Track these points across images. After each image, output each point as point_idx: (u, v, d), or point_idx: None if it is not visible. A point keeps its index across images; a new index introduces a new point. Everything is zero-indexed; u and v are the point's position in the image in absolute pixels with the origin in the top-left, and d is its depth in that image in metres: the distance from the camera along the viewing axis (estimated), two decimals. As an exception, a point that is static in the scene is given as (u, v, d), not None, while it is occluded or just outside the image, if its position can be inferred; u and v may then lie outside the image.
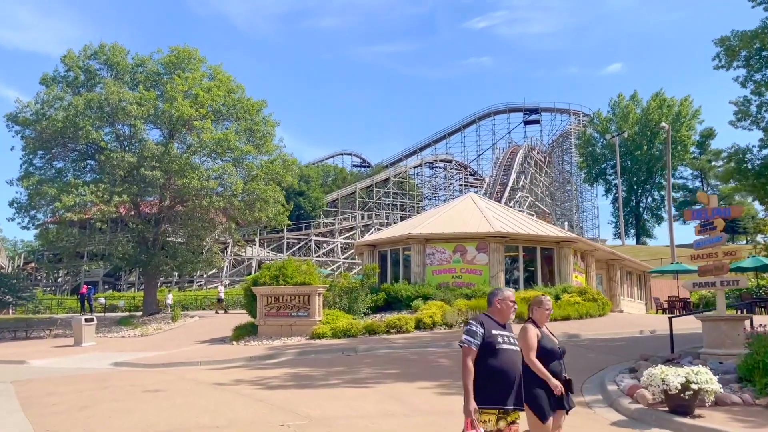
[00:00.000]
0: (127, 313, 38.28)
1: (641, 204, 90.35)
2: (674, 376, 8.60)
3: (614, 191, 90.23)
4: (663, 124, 49.33)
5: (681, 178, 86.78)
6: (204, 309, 44.19)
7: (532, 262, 25.53)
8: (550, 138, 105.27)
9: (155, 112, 31.01)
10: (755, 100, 17.41)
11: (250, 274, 49.99)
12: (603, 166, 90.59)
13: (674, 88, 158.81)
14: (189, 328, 28.01)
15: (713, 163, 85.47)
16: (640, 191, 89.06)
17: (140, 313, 35.25)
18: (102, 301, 44.73)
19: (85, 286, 42.70)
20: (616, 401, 9.71)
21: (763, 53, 16.39)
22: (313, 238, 66.48)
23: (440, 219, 26.68)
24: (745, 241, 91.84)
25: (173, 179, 31.14)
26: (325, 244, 68.40)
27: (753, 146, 17.46)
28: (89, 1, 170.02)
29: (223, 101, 32.88)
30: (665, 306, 29.98)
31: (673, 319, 22.33)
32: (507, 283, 24.58)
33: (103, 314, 39.97)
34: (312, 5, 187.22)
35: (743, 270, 27.48)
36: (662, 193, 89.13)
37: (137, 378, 14.38)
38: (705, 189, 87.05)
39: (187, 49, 33.84)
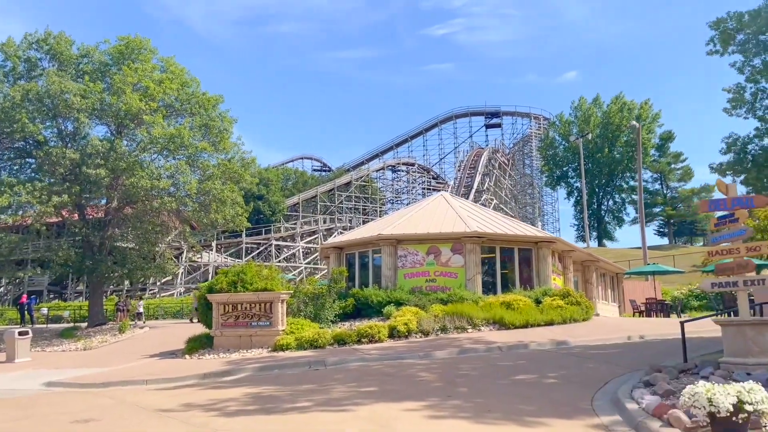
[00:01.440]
0: (71, 324, 35.42)
1: (603, 206, 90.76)
2: (723, 395, 7.08)
3: (576, 194, 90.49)
4: (633, 122, 48.97)
5: (642, 180, 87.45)
6: (157, 318, 41.66)
7: (510, 263, 24.09)
8: (512, 141, 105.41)
9: (101, 105, 28.54)
10: (750, 87, 16.36)
11: (206, 281, 47.43)
12: (565, 168, 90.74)
13: (630, 95, 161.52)
14: (138, 340, 25.64)
15: (672, 166, 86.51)
16: (601, 194, 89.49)
17: (86, 325, 32.57)
18: (44, 311, 41.60)
19: (25, 295, 39.73)
20: (643, 424, 8.12)
21: (761, 37, 15.32)
22: (274, 242, 64.13)
23: (412, 219, 25.02)
24: (701, 243, 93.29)
25: (121, 179, 28.71)
26: (285, 249, 66.13)
27: (753, 135, 16.44)
28: (42, 5, 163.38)
29: (176, 95, 30.60)
30: (642, 308, 28.99)
31: (658, 323, 21.12)
32: (484, 286, 23.07)
33: (45, 325, 37.10)
34: (272, 11, 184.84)
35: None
36: (623, 195, 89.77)
37: (69, 402, 12.25)
38: (665, 191, 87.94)
39: (137, 39, 31.42)
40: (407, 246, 23.48)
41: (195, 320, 33.92)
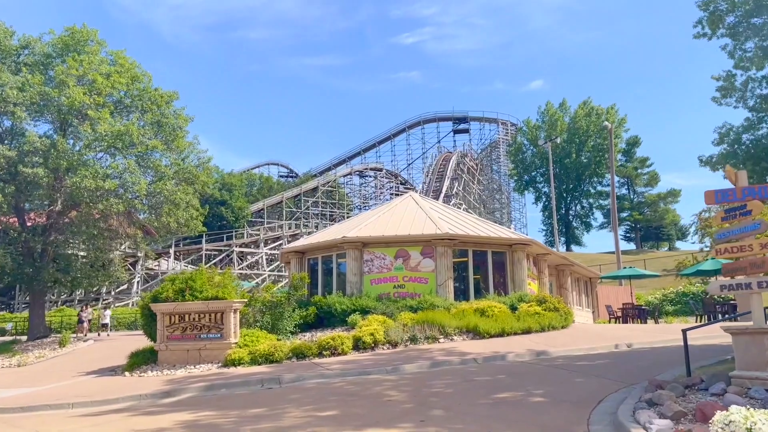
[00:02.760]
0: (11, 338, 32.78)
1: (570, 211, 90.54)
2: (766, 424, 5.66)
3: (544, 199, 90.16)
4: (606, 122, 48.27)
5: (608, 185, 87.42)
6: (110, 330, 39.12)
7: (483, 267, 22.62)
8: (480, 147, 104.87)
9: (42, 99, 26.24)
10: (741, 75, 15.25)
11: (163, 289, 44.78)
12: (533, 173, 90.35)
13: (596, 103, 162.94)
14: (78, 355, 23.44)
15: (639, 171, 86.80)
16: (569, 198, 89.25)
17: (26, 338, 30.05)
18: (-15, 324, 38.73)
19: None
20: (658, 457, 6.66)
21: (753, 20, 14.20)
22: (236, 249, 61.77)
23: (379, 221, 23.37)
24: (667, 248, 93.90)
25: (64, 179, 26.44)
26: (249, 256, 63.81)
27: (746, 126, 15.25)
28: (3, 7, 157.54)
29: (125, 89, 28.46)
30: (619, 314, 27.85)
31: (641, 329, 19.83)
32: (456, 292, 21.55)
33: (-17, 339, 34.32)
34: (241, 16, 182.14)
35: (704, 273, 25.68)
36: (590, 200, 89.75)
37: (-29, 434, 10.29)
38: (632, 196, 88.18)
39: (84, 30, 29.20)
40: (374, 249, 21.84)
41: None
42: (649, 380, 10.01)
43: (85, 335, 31.76)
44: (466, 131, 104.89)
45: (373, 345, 16.94)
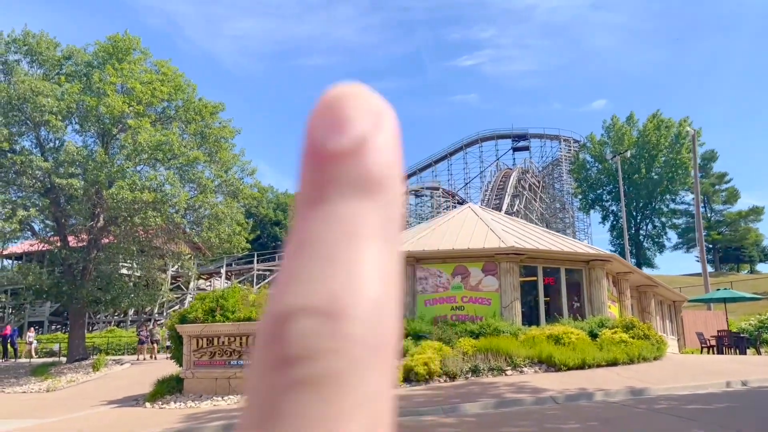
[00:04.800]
0: (52, 359, 31.75)
1: (641, 231, 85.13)
2: None
3: (612, 218, 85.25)
4: (688, 129, 44.33)
5: (683, 203, 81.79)
6: (159, 351, 37.88)
7: (555, 287, 19.68)
8: (541, 165, 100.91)
9: (81, 110, 25.14)
10: None
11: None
12: (599, 191, 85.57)
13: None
14: (109, 380, 21.75)
15: (716, 187, 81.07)
16: (639, 217, 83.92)
17: (66, 359, 28.83)
18: (34, 344, 38.07)
19: (8, 326, 36.52)
20: None
21: None
22: (289, 269, 60.14)
23: (434, 234, 20.80)
24: (747, 270, 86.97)
25: (103, 192, 25.18)
26: (302, 277, 62.14)
27: None
28: (72, 38, 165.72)
29: (167, 99, 27.14)
30: (713, 343, 24.18)
31: (751, 362, 16.63)
32: (523, 315, 18.68)
33: (29, 360, 33.52)
34: (299, 45, 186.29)
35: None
36: (663, 219, 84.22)
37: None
38: (709, 215, 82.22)
39: (126, 38, 28.14)
40: (428, 266, 19.27)
41: None
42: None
43: (153, 357, 30.11)
44: (527, 148, 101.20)
45: (427, 377, 14.35)
